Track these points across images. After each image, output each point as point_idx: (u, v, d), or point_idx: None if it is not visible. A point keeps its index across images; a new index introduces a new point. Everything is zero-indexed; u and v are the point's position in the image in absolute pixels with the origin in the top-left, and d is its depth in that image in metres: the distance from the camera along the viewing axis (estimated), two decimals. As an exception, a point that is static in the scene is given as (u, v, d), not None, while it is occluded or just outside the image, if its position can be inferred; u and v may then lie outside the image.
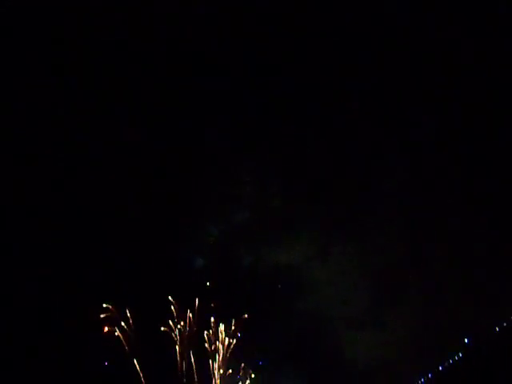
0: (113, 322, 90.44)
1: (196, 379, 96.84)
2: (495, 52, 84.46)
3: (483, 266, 79.12)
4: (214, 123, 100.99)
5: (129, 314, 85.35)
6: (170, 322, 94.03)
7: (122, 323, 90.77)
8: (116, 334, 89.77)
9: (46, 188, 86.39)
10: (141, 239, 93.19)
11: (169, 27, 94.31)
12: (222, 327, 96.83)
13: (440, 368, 68.11)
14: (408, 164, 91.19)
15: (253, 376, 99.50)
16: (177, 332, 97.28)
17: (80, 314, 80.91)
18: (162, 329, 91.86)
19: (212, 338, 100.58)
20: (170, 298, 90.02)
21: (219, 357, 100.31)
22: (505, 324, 64.27)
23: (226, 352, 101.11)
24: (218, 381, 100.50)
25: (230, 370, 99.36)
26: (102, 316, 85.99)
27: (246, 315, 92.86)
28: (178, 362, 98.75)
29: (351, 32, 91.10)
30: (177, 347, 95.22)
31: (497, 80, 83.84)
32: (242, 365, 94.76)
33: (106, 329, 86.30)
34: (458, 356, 65.83)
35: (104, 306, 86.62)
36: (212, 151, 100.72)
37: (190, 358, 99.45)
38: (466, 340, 66.02)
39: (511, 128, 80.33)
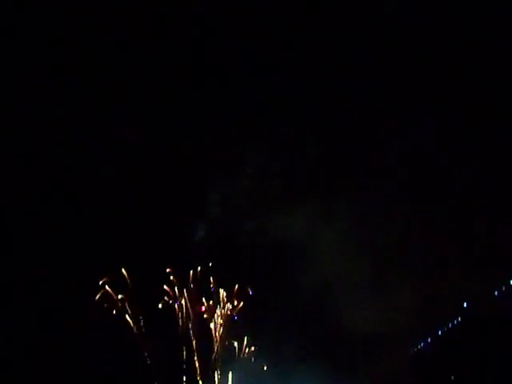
0: (111, 299, 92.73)
1: (196, 349, 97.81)
2: (495, 52, 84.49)
3: (482, 236, 80.00)
4: (215, 104, 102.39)
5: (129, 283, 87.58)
6: (170, 291, 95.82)
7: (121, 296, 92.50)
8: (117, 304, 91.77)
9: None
10: (140, 211, 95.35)
11: (169, 27, 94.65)
12: (222, 294, 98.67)
13: (439, 332, 68.18)
14: (409, 142, 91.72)
15: (252, 348, 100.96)
16: (176, 306, 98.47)
17: (79, 287, 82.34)
18: (160, 307, 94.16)
19: (212, 307, 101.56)
20: (169, 269, 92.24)
21: (219, 326, 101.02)
22: (504, 288, 64.27)
23: (226, 321, 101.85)
24: (217, 350, 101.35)
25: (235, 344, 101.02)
26: (102, 282, 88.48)
27: (247, 287, 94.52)
28: (180, 328, 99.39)
29: (351, 31, 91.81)
30: (179, 321, 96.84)
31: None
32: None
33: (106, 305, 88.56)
34: (457, 320, 65.80)
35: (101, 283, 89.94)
36: (214, 126, 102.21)
37: (190, 329, 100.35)
38: (464, 304, 65.96)
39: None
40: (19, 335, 77.64)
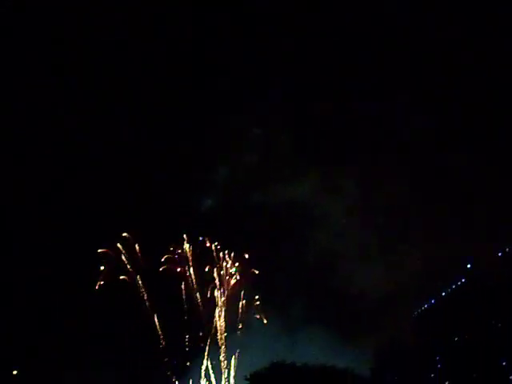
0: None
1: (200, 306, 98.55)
2: (495, 52, 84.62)
3: (485, 198, 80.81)
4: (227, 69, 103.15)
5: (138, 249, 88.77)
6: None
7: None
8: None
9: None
10: (150, 180, 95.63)
11: (169, 27, 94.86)
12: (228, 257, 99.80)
13: (443, 294, 68.30)
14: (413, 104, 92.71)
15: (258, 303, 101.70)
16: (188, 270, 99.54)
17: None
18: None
19: (217, 267, 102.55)
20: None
21: (224, 284, 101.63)
22: (507, 249, 64.37)
23: (229, 281, 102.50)
24: (221, 308, 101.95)
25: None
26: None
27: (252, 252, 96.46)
28: (183, 290, 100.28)
29: None
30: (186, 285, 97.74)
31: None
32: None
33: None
34: (461, 282, 65.88)
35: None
36: (224, 94, 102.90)
37: (194, 290, 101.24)
38: (468, 266, 66.06)
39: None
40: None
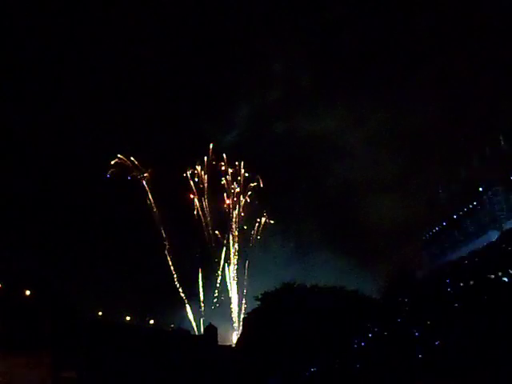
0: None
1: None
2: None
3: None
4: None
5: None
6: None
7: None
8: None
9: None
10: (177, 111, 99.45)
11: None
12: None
13: (454, 216, 68.04)
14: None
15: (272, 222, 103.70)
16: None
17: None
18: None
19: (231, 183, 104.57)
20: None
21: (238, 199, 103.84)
22: None
23: (244, 195, 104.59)
24: (235, 225, 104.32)
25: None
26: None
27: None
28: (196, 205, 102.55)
29: None
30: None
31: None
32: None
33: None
34: (473, 204, 65.30)
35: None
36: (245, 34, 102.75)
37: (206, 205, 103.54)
38: (480, 189, 65.32)
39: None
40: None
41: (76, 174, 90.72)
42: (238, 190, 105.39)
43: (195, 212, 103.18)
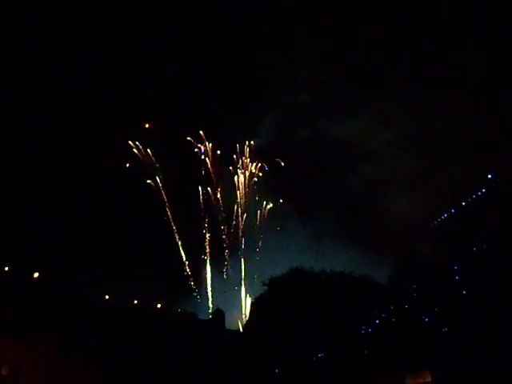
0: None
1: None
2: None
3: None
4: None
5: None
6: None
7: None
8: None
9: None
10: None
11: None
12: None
13: (463, 203, 67.58)
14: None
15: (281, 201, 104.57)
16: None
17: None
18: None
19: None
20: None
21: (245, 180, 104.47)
22: None
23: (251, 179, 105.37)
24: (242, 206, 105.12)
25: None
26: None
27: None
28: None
29: None
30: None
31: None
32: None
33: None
34: (481, 192, 64.78)
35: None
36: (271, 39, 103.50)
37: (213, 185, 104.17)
38: (489, 176, 64.76)
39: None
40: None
41: (88, 158, 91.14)
42: (252, 169, 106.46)
43: (203, 197, 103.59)
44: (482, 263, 45.98)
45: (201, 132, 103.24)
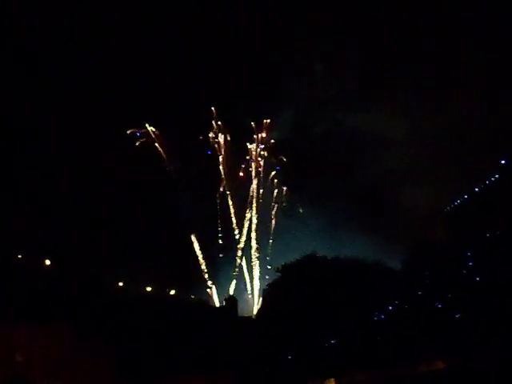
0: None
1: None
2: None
3: None
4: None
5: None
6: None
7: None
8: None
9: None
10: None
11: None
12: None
13: (476, 189, 66.92)
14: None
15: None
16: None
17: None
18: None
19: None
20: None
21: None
22: None
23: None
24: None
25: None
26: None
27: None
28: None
29: None
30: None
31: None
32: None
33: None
34: (495, 177, 63.95)
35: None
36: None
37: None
38: (502, 161, 63.90)
39: None
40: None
41: (99, 142, 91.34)
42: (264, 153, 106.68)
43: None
44: (495, 249, 45.53)
45: (212, 109, 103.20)
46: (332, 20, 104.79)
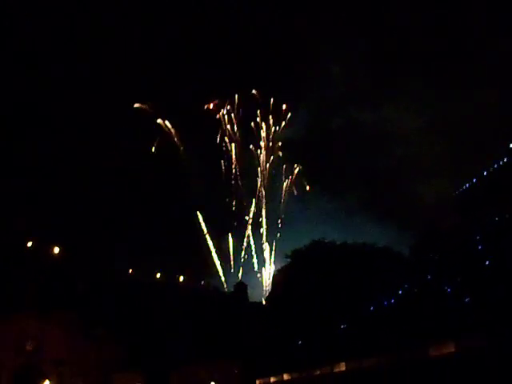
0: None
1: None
2: None
3: None
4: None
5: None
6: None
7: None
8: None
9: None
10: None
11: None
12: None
13: (484, 173, 66.58)
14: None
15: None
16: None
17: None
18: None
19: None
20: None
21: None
22: None
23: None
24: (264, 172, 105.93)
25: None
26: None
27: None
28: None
29: None
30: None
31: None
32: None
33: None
34: (503, 161, 63.61)
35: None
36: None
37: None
38: (510, 145, 63.49)
39: None
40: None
41: (106, 134, 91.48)
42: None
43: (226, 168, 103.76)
44: (505, 232, 45.23)
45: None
46: (344, 21, 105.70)
